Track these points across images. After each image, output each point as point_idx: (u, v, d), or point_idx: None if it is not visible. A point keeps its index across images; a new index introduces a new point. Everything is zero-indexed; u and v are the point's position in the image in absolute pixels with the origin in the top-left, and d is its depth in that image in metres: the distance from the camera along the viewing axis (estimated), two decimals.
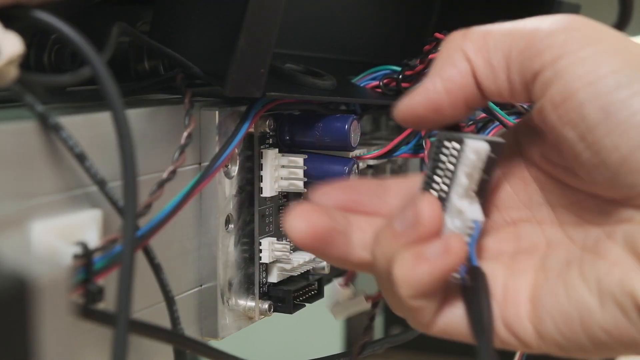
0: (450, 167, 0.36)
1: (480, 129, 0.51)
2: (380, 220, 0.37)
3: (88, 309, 0.34)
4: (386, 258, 0.35)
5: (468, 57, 0.35)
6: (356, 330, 1.27)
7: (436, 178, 0.36)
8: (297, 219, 0.35)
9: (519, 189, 0.38)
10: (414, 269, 0.34)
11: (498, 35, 0.35)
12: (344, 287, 0.41)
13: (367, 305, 0.42)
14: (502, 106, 0.50)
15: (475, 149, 0.35)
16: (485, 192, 0.37)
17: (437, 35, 0.49)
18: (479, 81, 0.35)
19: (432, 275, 0.34)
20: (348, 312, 0.42)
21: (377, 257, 0.35)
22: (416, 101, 0.35)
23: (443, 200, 0.36)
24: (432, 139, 0.51)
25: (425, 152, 0.50)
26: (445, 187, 0.36)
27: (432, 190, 0.36)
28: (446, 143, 0.36)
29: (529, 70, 0.34)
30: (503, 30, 0.35)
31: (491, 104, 0.48)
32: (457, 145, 0.35)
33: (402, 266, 0.34)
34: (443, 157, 0.36)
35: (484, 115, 0.51)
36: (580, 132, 0.33)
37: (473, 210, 0.36)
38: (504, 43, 0.34)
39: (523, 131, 0.38)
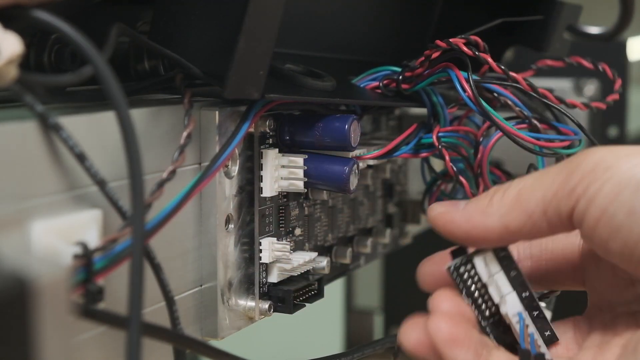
0: (480, 286, 0.40)
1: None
2: None
3: (89, 308, 0.34)
4: None
5: (500, 215, 0.38)
6: (356, 330, 1.27)
7: (481, 302, 0.41)
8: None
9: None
10: None
11: (530, 187, 0.38)
12: None
13: None
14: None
15: (483, 261, 0.40)
16: (525, 286, 0.41)
17: (438, 42, 0.49)
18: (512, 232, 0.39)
19: None
20: None
21: None
22: (454, 216, 0.39)
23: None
24: (443, 139, 0.51)
25: (447, 158, 0.50)
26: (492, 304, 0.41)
27: (487, 312, 0.41)
28: (462, 269, 0.40)
29: (567, 207, 0.37)
30: (531, 181, 0.38)
31: (489, 109, 0.48)
32: (469, 266, 0.40)
33: None
34: (469, 282, 0.40)
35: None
36: (619, 244, 0.36)
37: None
38: (537, 192, 0.38)
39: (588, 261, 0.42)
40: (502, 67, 0.49)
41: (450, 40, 0.49)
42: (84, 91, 0.42)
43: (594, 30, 0.68)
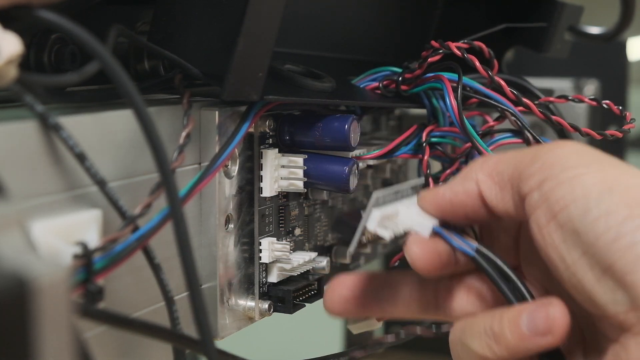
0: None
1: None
2: None
3: (89, 308, 0.34)
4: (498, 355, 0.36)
5: (477, 181, 0.38)
6: None
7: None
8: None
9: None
10: None
11: (506, 160, 0.38)
12: None
13: (378, 325, 0.45)
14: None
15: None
16: None
17: (433, 43, 0.49)
18: (487, 201, 0.38)
19: None
20: (362, 329, 0.44)
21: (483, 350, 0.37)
22: (429, 197, 0.40)
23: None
24: (433, 139, 0.51)
25: (425, 157, 0.50)
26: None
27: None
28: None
29: (523, 191, 0.37)
30: (511, 155, 0.38)
31: (472, 132, 0.48)
32: None
33: None
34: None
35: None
36: (559, 254, 0.35)
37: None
38: (509, 168, 0.37)
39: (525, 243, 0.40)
40: (515, 92, 0.49)
41: (447, 43, 0.49)
42: (83, 91, 0.42)
43: (594, 30, 0.68)
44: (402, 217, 0.41)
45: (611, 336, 0.36)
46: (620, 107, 0.50)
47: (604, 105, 0.50)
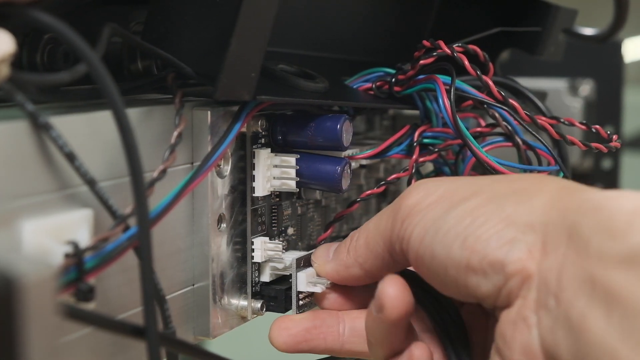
0: None
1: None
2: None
3: (74, 310, 0.34)
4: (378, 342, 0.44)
5: (360, 266, 0.45)
6: None
7: None
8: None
9: None
10: None
11: (373, 239, 0.44)
12: None
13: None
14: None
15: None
16: None
17: (425, 42, 0.49)
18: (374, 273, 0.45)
19: None
20: None
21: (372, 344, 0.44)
22: (326, 269, 0.47)
23: None
24: (425, 140, 0.51)
25: (414, 157, 0.50)
26: None
27: None
28: None
29: (399, 247, 0.43)
30: (374, 231, 0.44)
31: (466, 133, 0.48)
32: None
33: None
34: None
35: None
36: (431, 276, 0.42)
37: None
38: (379, 244, 0.44)
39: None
40: (503, 93, 0.49)
41: (438, 42, 0.49)
42: (76, 90, 0.42)
43: (589, 31, 0.68)
44: None
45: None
46: (609, 132, 0.50)
47: (593, 130, 0.50)
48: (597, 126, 0.50)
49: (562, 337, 0.36)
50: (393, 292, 0.41)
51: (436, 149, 0.51)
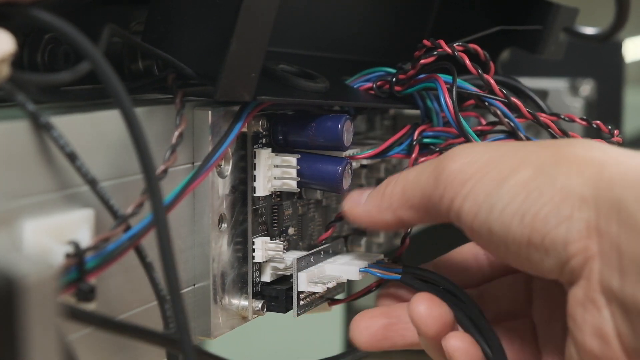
0: None
1: None
2: None
3: (75, 310, 0.34)
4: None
5: (394, 211, 0.44)
6: None
7: None
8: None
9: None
10: None
11: (412, 188, 0.43)
12: None
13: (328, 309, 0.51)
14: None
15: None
16: None
17: (425, 42, 0.49)
18: (410, 224, 0.46)
19: None
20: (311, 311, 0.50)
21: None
22: (357, 211, 0.46)
23: None
24: (426, 139, 0.51)
25: (413, 156, 0.50)
26: None
27: None
28: None
29: (442, 210, 0.42)
30: (415, 181, 0.43)
31: (468, 130, 0.48)
32: None
33: None
34: None
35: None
36: (492, 251, 0.42)
37: None
38: (416, 196, 0.43)
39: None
40: (504, 91, 0.49)
41: (439, 41, 0.49)
42: (77, 90, 0.42)
43: (589, 31, 0.68)
44: (329, 271, 0.48)
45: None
46: (610, 127, 0.50)
47: (594, 126, 0.50)
48: (598, 121, 0.50)
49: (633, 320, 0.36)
50: (424, 310, 0.42)
51: (437, 149, 0.51)
